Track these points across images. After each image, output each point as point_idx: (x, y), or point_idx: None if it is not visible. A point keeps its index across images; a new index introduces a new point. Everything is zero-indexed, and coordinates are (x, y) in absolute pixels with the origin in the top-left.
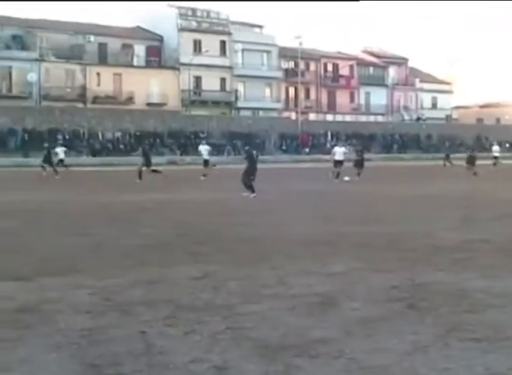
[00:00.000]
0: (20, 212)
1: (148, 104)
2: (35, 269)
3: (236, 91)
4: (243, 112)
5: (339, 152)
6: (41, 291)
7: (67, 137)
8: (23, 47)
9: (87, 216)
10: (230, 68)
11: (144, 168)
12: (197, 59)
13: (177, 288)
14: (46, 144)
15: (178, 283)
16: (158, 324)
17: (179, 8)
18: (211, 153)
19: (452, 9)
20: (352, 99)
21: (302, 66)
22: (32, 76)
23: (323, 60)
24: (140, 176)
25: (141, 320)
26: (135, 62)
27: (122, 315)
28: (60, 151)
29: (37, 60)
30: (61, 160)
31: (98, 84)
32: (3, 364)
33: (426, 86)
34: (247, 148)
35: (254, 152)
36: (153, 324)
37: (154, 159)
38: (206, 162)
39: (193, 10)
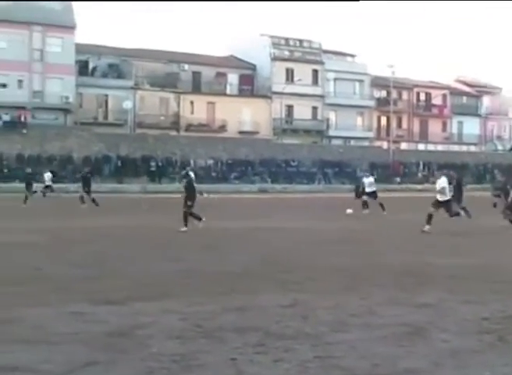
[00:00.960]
0: (113, 237)
1: (240, 132)
2: (127, 294)
3: (328, 119)
4: (334, 141)
5: (368, 183)
6: (134, 315)
7: (160, 164)
8: (119, 75)
9: (178, 241)
10: (322, 97)
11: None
12: (290, 88)
13: (266, 316)
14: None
15: (267, 311)
16: (248, 351)
17: (271, 37)
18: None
19: None
20: (444, 128)
21: (394, 94)
22: (127, 104)
23: (416, 89)
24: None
25: (231, 347)
26: (228, 91)
27: (212, 341)
28: (47, 177)
29: (132, 88)
30: (47, 186)
31: (192, 112)
32: None
33: None
34: None
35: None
36: (243, 351)
37: (246, 187)
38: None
39: (286, 39)
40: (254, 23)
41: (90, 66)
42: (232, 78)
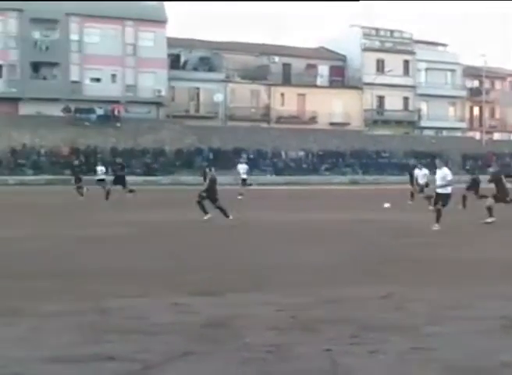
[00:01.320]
0: (208, 229)
1: (331, 123)
2: (223, 286)
3: (419, 110)
4: (426, 132)
5: (422, 175)
6: (229, 306)
7: (251, 156)
8: (210, 68)
9: (266, 234)
10: (413, 87)
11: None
12: (380, 79)
13: (360, 307)
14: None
15: (361, 303)
16: (343, 342)
17: (362, 28)
18: (248, 172)
19: None
20: None
21: (487, 84)
22: (218, 97)
23: (509, 79)
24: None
25: (326, 338)
26: (318, 82)
27: (307, 332)
28: (100, 170)
29: (223, 81)
30: (100, 180)
31: (282, 104)
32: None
33: None
34: None
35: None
36: (337, 342)
37: (337, 178)
38: (244, 181)
39: (377, 30)
40: (344, 14)
41: (182, 59)
42: (323, 69)
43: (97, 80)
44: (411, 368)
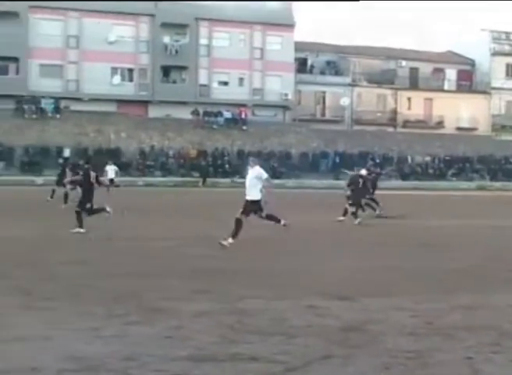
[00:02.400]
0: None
1: (458, 128)
2: (355, 290)
3: None
4: None
5: None
6: (364, 311)
7: (377, 160)
8: (337, 72)
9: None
10: None
11: None
12: (510, 84)
13: (498, 315)
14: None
15: (498, 310)
16: (483, 350)
17: (492, 32)
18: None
19: None
20: None
21: None
22: (345, 101)
23: None
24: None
25: (465, 345)
26: (446, 87)
27: (445, 339)
28: (110, 170)
29: (349, 85)
30: (111, 180)
31: (409, 108)
32: None
33: None
34: None
35: None
36: (478, 350)
37: (464, 184)
38: None
39: (507, 34)
40: (473, 18)
41: (309, 63)
42: (450, 73)
43: (225, 83)
44: None
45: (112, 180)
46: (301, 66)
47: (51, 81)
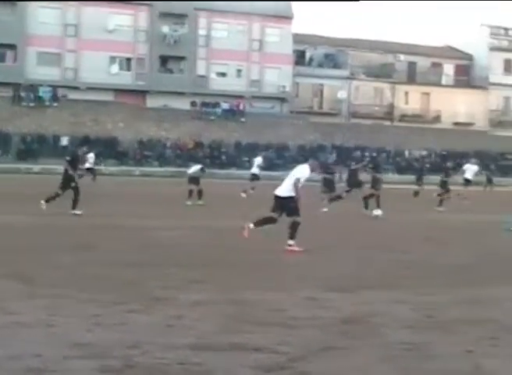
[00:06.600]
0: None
1: (455, 123)
2: (356, 282)
3: None
4: None
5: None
6: (364, 303)
7: (374, 154)
8: (335, 65)
9: (401, 233)
10: None
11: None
12: (508, 79)
13: (498, 308)
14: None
15: (499, 304)
16: (483, 344)
17: (490, 27)
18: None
19: None
20: None
21: None
22: (342, 94)
23: None
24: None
25: (465, 339)
26: (443, 81)
27: (445, 332)
28: (90, 158)
29: (347, 78)
30: (88, 169)
31: (406, 103)
32: (338, 370)
33: None
34: None
35: None
36: (477, 344)
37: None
38: (254, 177)
39: (506, 29)
40: (472, 13)
41: (307, 55)
42: (448, 68)
43: (223, 74)
44: None
45: (90, 169)
46: (299, 58)
47: (48, 69)
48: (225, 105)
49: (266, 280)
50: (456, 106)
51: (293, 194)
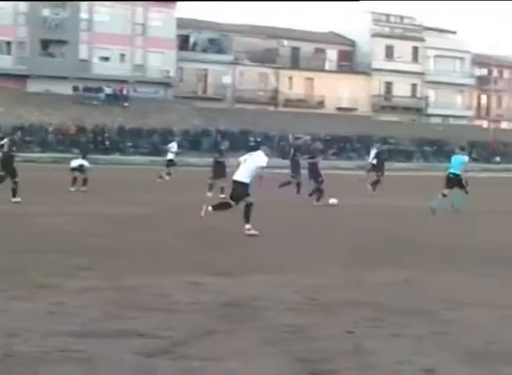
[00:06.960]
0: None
1: (338, 108)
2: (244, 267)
3: (427, 97)
4: (432, 119)
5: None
6: (249, 287)
7: (258, 139)
8: (219, 50)
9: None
10: (422, 74)
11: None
12: (389, 65)
13: (381, 291)
14: None
15: (381, 287)
16: (364, 325)
17: (372, 13)
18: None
19: None
20: None
21: (495, 73)
22: (227, 79)
23: None
24: None
25: (347, 321)
26: (327, 67)
27: (327, 314)
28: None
29: (231, 63)
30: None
31: (290, 88)
32: (219, 353)
33: None
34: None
35: None
36: (359, 325)
37: (344, 164)
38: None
39: (387, 16)
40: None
41: (191, 40)
42: (331, 54)
43: (106, 59)
44: (430, 351)
45: None
46: (183, 43)
47: None
48: (108, 90)
49: (152, 265)
50: (340, 91)
51: (248, 181)
